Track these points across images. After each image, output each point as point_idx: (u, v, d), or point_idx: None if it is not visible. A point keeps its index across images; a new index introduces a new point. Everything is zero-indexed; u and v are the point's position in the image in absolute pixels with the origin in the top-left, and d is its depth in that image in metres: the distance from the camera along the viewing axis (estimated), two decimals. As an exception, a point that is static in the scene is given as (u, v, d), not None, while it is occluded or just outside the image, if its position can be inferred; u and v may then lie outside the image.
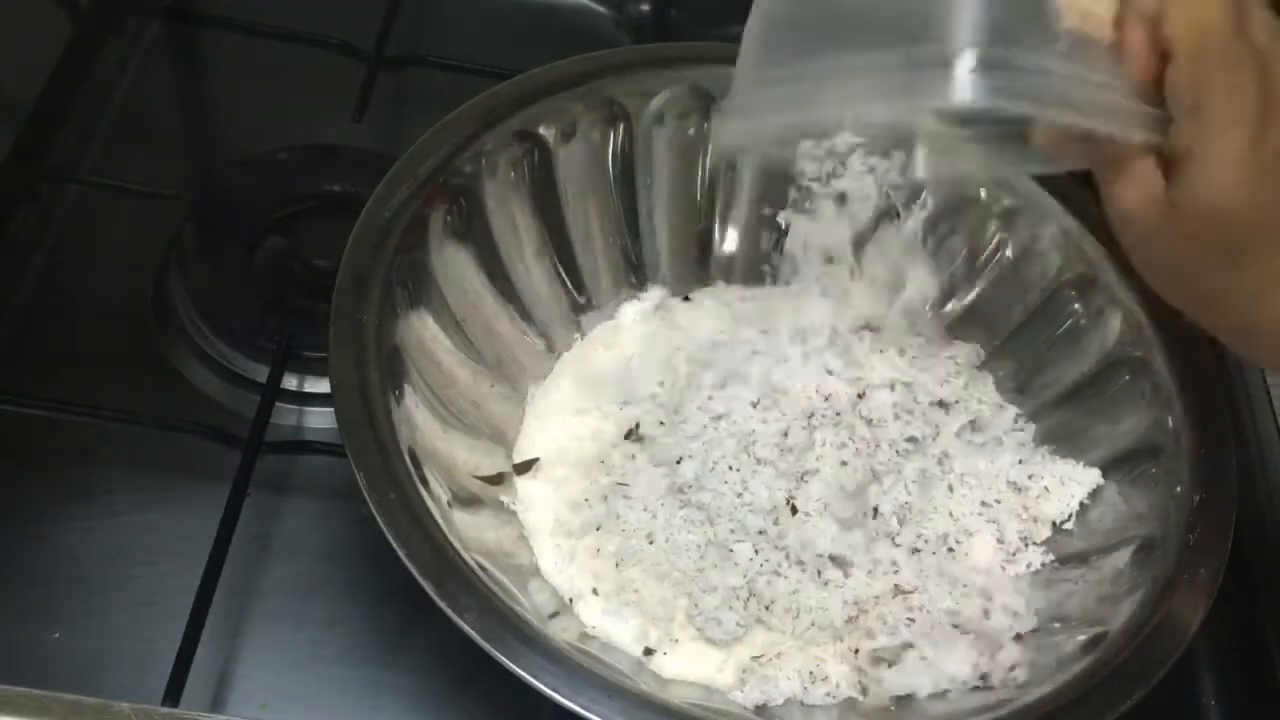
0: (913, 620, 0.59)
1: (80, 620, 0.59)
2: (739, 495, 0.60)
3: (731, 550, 0.59)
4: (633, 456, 0.62)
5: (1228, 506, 0.59)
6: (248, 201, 0.74)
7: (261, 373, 0.66)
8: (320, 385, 0.67)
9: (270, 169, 0.75)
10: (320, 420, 0.67)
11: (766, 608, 0.58)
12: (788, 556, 0.59)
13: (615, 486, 0.61)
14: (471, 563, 0.53)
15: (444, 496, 0.56)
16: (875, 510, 0.61)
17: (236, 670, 0.59)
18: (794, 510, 0.60)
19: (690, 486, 0.60)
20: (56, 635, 0.58)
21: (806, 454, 0.61)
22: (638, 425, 0.63)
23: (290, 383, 0.67)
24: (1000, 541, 0.62)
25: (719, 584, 0.58)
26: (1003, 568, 0.62)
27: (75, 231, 0.73)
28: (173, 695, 0.55)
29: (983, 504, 0.63)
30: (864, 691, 0.58)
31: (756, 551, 0.59)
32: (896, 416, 0.63)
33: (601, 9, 0.91)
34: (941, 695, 0.57)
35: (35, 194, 0.73)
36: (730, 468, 0.60)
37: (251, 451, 0.63)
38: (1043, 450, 0.65)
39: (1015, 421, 0.66)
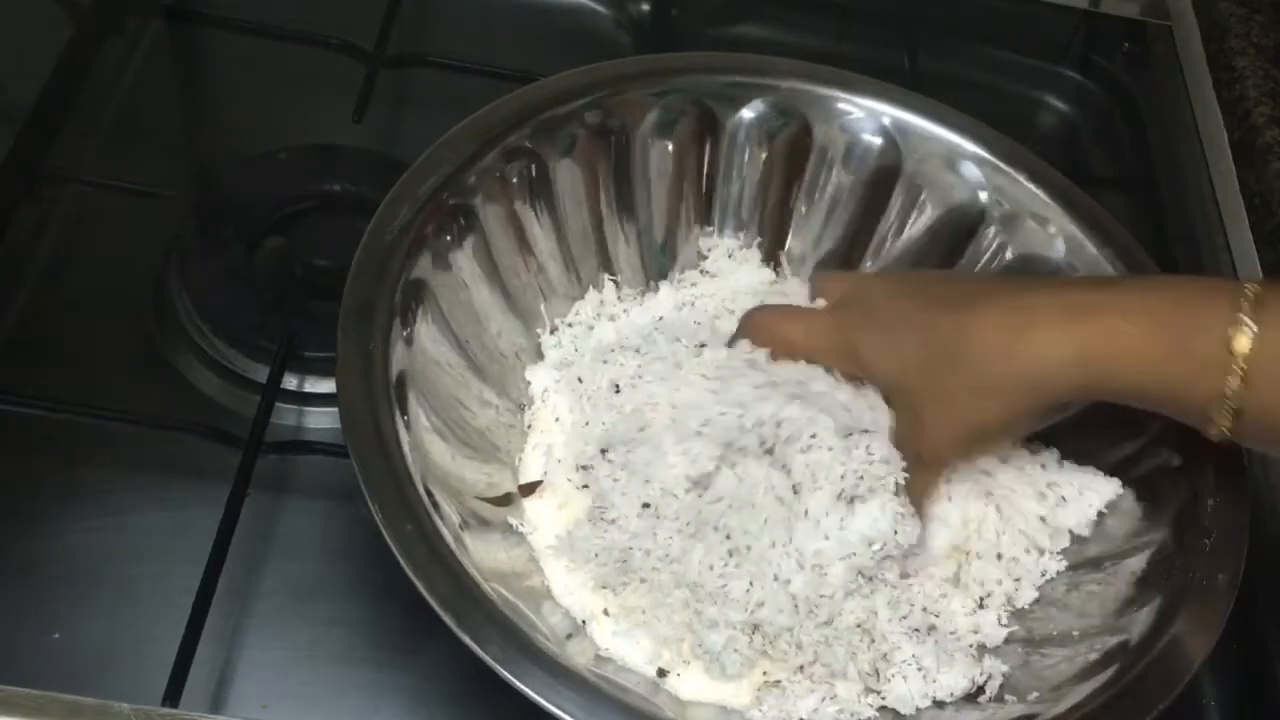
0: (918, 630, 0.59)
1: (80, 620, 0.59)
2: (739, 513, 0.59)
3: (729, 585, 0.58)
4: (621, 479, 0.61)
5: (1243, 511, 0.59)
6: (248, 201, 0.74)
7: (261, 373, 0.66)
8: (320, 385, 0.67)
9: (270, 169, 0.75)
10: (320, 420, 0.67)
11: (770, 643, 0.57)
12: (792, 599, 0.58)
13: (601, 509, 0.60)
14: (490, 592, 0.52)
15: (455, 520, 0.56)
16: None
17: (236, 670, 0.59)
18: (805, 513, 0.59)
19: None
20: (56, 635, 0.58)
21: (808, 465, 0.60)
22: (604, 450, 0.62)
23: (290, 383, 0.67)
24: (1017, 552, 0.62)
25: (720, 619, 0.57)
26: (1016, 578, 0.61)
27: (75, 231, 0.73)
28: (173, 695, 0.54)
29: (999, 508, 0.63)
30: (880, 708, 0.57)
31: (752, 584, 0.58)
32: None
33: (601, 9, 0.91)
34: (954, 706, 0.57)
35: (35, 194, 0.73)
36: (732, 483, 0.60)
37: (251, 451, 0.63)
38: (1055, 454, 0.64)
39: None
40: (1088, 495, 0.63)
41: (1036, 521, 0.62)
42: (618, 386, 0.64)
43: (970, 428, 0.58)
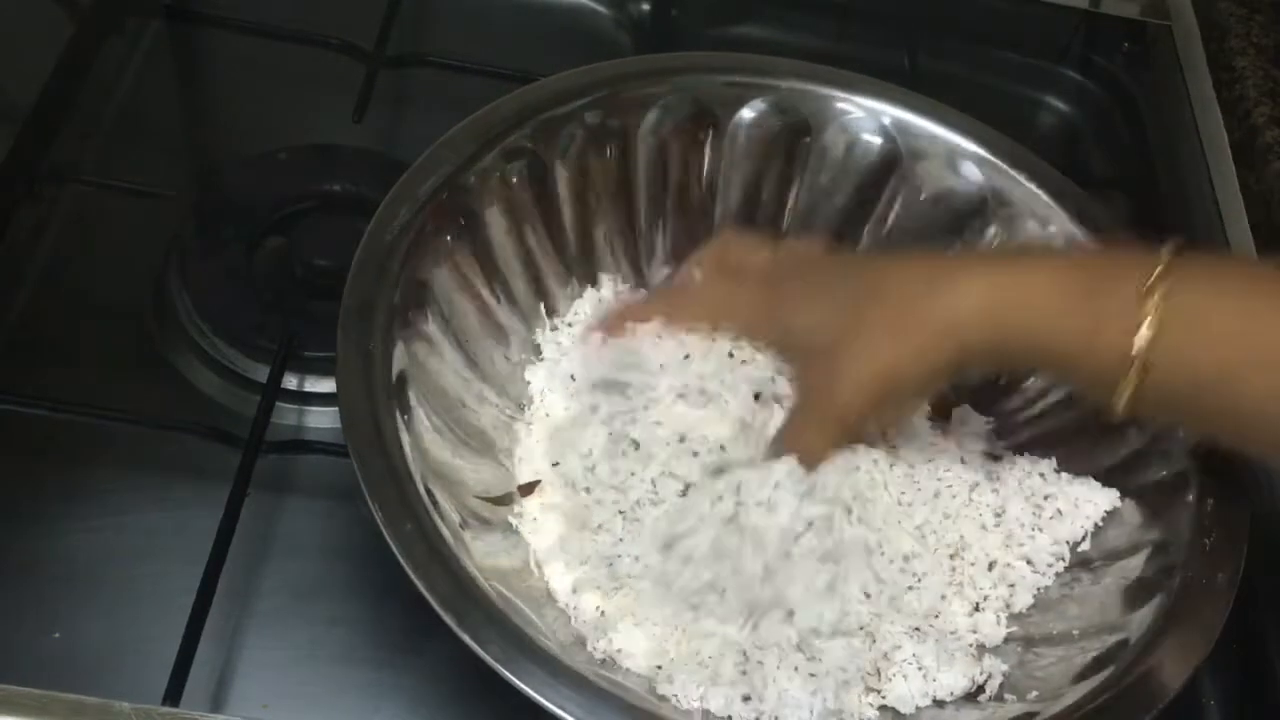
0: (918, 630, 0.59)
1: (80, 620, 0.59)
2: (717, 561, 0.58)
3: (722, 599, 0.58)
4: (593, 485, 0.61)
5: (1242, 511, 0.59)
6: (248, 201, 0.74)
7: (261, 373, 0.66)
8: (320, 385, 0.67)
9: (270, 169, 0.75)
10: (320, 420, 0.67)
11: (767, 650, 0.57)
12: (790, 613, 0.58)
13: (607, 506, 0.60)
14: (490, 591, 0.53)
15: (455, 519, 0.56)
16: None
17: (236, 670, 0.59)
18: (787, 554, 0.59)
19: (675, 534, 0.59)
20: (56, 635, 0.58)
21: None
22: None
23: (290, 382, 0.67)
24: (1011, 559, 0.62)
25: (717, 631, 0.57)
26: (1011, 584, 0.61)
27: (75, 231, 0.73)
28: (173, 695, 0.54)
29: (996, 515, 0.63)
30: (880, 707, 0.57)
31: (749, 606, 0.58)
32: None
33: (601, 9, 0.91)
34: (954, 705, 0.57)
35: (35, 194, 0.73)
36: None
37: (251, 451, 0.63)
38: (1051, 463, 0.64)
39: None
40: (1084, 507, 0.62)
41: (1032, 535, 0.62)
42: (604, 387, 0.64)
43: (884, 369, 0.57)
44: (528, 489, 0.62)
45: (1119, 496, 0.62)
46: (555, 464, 0.63)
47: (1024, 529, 0.62)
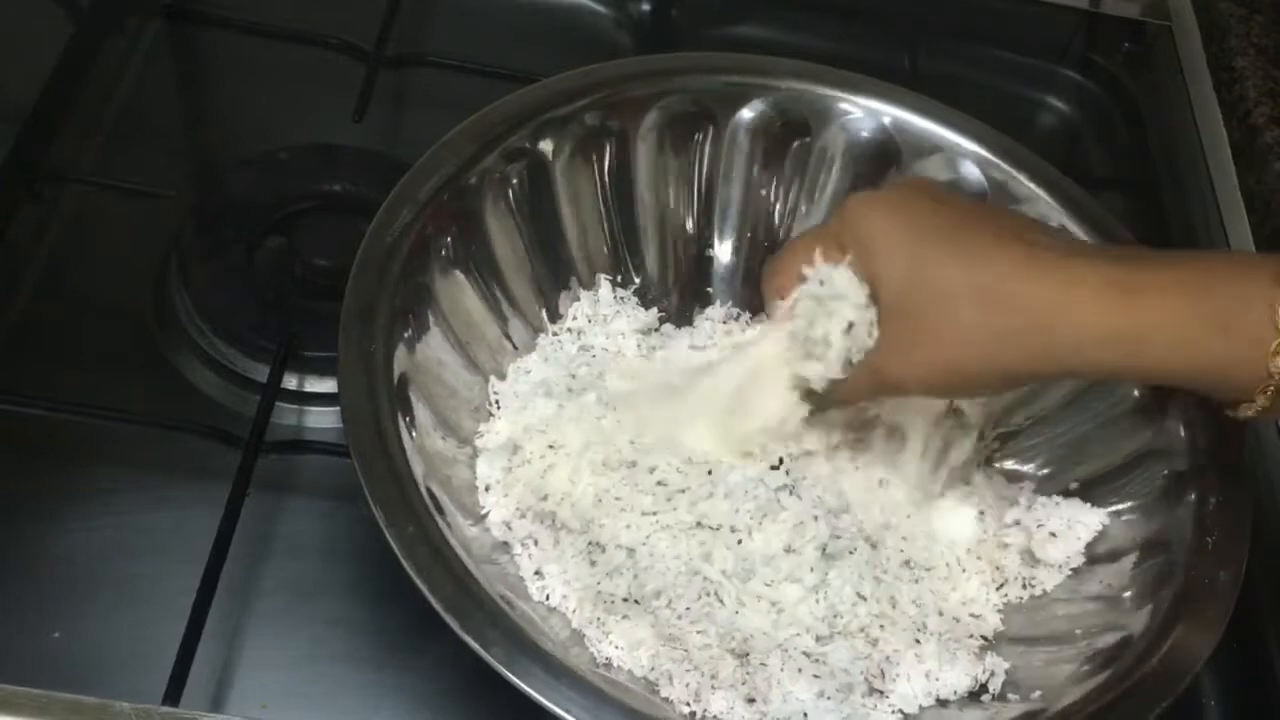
0: (921, 629, 0.59)
1: (80, 620, 0.59)
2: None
3: (712, 612, 0.58)
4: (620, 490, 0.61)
5: (1245, 511, 0.59)
6: (248, 201, 0.74)
7: (261, 373, 0.66)
8: (320, 385, 0.67)
9: (270, 169, 0.75)
10: (320, 420, 0.67)
11: (766, 655, 0.57)
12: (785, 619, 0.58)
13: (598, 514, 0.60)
14: (493, 594, 0.53)
15: (458, 521, 0.56)
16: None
17: (236, 670, 0.59)
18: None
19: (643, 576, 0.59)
20: (56, 635, 0.58)
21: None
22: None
23: (290, 382, 0.67)
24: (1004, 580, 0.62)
25: (713, 640, 0.57)
26: (1014, 582, 0.62)
27: (75, 231, 0.73)
28: (173, 695, 0.54)
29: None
30: (884, 707, 0.57)
31: (741, 608, 0.58)
32: None
33: (601, 8, 0.91)
34: (958, 705, 0.57)
35: (35, 194, 0.73)
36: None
37: (251, 451, 0.63)
38: (1038, 481, 0.65)
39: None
40: (1076, 529, 0.62)
41: (1024, 558, 0.62)
42: (585, 388, 0.64)
43: (960, 366, 0.54)
44: None
45: (1106, 515, 0.62)
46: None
47: (1018, 558, 0.62)
